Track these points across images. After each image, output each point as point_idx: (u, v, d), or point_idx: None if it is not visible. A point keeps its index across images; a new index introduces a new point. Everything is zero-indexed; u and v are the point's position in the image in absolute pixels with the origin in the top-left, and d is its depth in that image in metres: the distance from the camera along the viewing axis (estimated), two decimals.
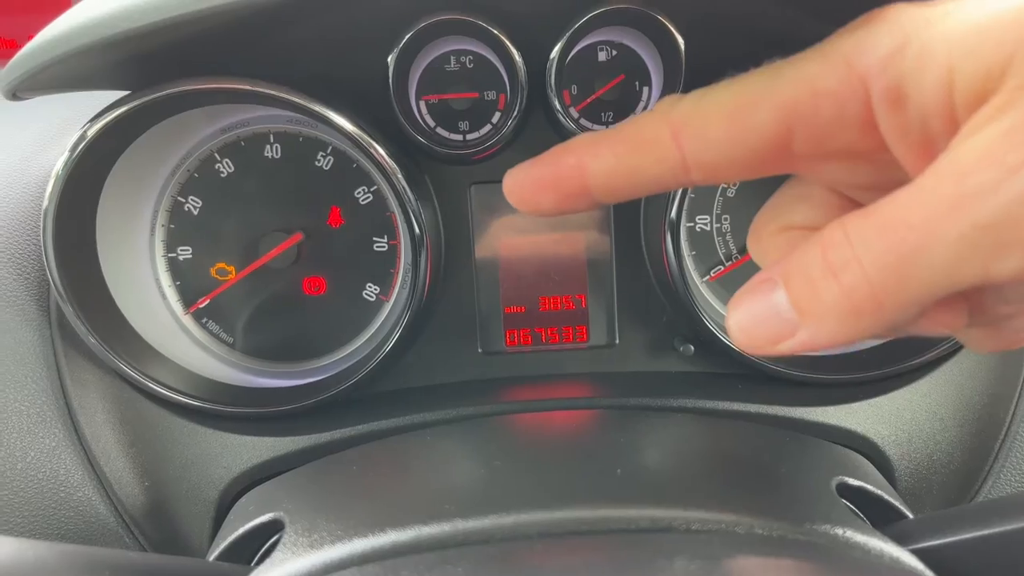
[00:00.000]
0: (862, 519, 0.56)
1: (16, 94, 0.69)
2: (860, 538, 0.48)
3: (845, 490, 0.59)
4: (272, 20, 0.71)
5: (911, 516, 0.59)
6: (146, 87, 0.75)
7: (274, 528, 0.59)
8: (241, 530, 0.59)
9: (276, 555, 0.52)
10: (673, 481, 0.54)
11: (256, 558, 0.59)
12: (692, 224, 0.91)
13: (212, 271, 0.90)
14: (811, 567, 0.44)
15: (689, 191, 0.88)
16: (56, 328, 0.81)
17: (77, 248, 0.79)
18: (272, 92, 0.74)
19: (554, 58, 0.80)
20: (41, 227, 0.75)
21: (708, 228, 0.91)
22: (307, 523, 0.55)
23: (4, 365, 0.78)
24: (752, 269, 0.89)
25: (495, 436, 0.69)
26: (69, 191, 0.75)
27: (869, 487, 0.60)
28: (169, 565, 0.54)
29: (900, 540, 0.50)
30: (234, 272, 0.90)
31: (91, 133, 0.75)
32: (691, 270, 0.91)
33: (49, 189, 0.75)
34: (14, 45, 1.25)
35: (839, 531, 0.49)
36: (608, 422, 0.70)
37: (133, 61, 0.71)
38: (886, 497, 0.61)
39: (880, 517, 0.58)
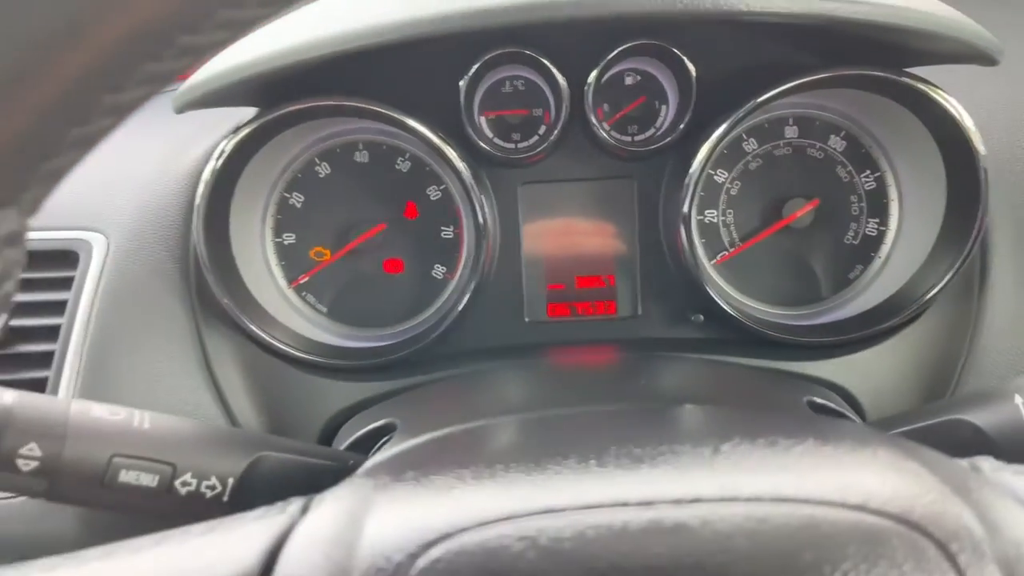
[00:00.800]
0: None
1: (183, 111, 0.91)
2: (816, 415, 0.68)
3: (814, 407, 0.79)
4: (366, 54, 0.92)
5: None
6: (270, 105, 0.96)
7: (386, 431, 0.79)
8: (362, 431, 0.80)
9: (394, 440, 0.72)
10: (679, 391, 0.74)
11: (373, 451, 0.79)
12: (702, 217, 1.10)
13: (311, 253, 1.11)
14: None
15: (699, 189, 1.09)
16: (195, 295, 1.02)
17: (217, 234, 1.00)
18: (379, 109, 0.95)
19: (591, 82, 1.01)
20: (195, 219, 0.97)
21: (715, 220, 1.11)
22: (415, 422, 0.75)
23: (158, 322, 1.00)
24: (750, 253, 1.09)
25: (549, 370, 0.89)
26: (215, 191, 0.97)
27: (833, 404, 0.80)
28: (310, 448, 0.75)
29: None
30: (329, 254, 1.11)
31: (230, 146, 0.96)
32: (701, 255, 1.11)
33: (200, 191, 0.96)
34: None
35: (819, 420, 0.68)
36: (631, 363, 0.90)
37: (265, 86, 0.93)
38: (847, 413, 0.80)
39: None
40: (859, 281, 1.10)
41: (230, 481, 0.67)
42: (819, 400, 0.79)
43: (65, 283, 0.99)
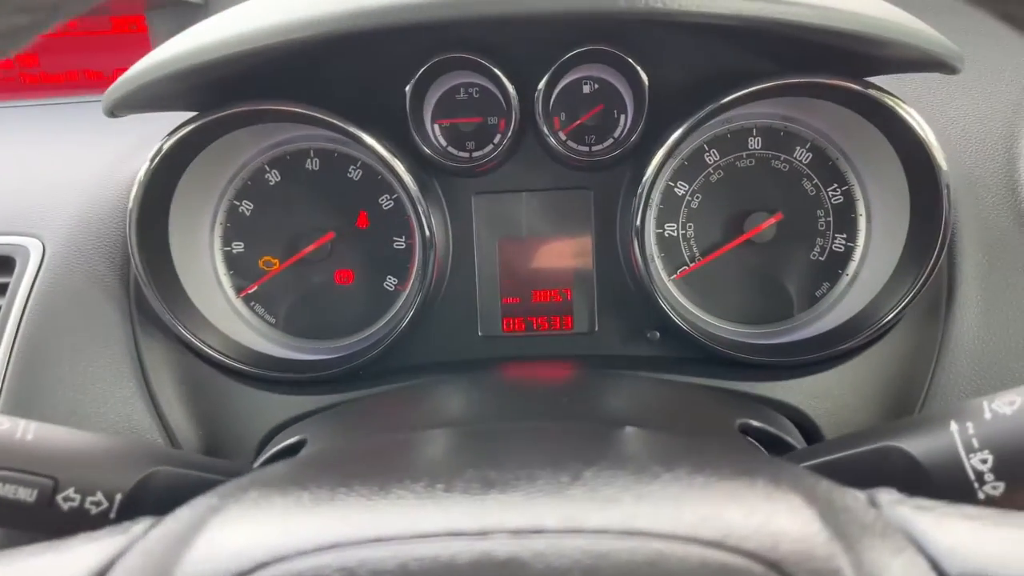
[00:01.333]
0: (757, 446, 0.70)
1: (114, 112, 0.89)
2: (733, 445, 0.63)
3: (748, 429, 0.74)
4: (309, 56, 0.89)
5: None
6: (211, 108, 0.94)
7: (300, 446, 0.76)
8: (274, 449, 0.77)
9: (302, 453, 0.69)
10: (601, 408, 0.70)
11: None
12: (661, 230, 1.06)
13: (260, 263, 1.08)
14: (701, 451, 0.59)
15: (657, 202, 1.05)
16: (134, 303, 0.99)
17: (154, 241, 0.98)
18: (316, 114, 0.93)
19: (540, 90, 0.97)
20: (127, 223, 0.94)
21: (675, 234, 1.06)
22: (321, 440, 0.72)
23: (93, 331, 0.97)
24: (711, 269, 1.05)
25: (477, 386, 0.85)
26: (149, 195, 0.95)
27: (770, 428, 0.75)
28: (210, 462, 0.71)
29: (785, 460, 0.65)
30: (278, 264, 1.08)
31: (167, 146, 0.94)
32: (660, 269, 1.07)
33: (133, 192, 0.94)
34: (100, 76, 1.46)
35: (723, 446, 0.64)
36: (570, 378, 0.86)
37: (202, 87, 0.90)
38: (783, 436, 0.76)
39: (777, 453, 0.73)
40: (826, 299, 1.06)
41: (118, 497, 0.64)
42: (754, 423, 0.74)
43: (0, 289, 0.97)
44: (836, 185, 1.04)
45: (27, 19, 0.38)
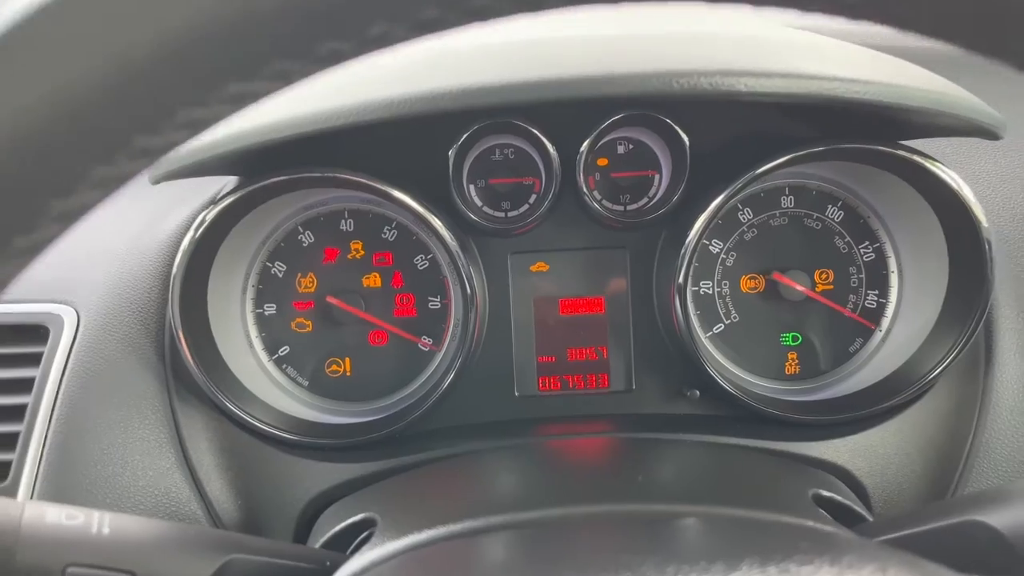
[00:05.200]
0: (830, 519, 0.70)
1: (158, 182, 0.88)
2: (827, 528, 0.63)
3: (819, 500, 0.75)
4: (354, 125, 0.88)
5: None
6: (255, 176, 0.93)
7: (365, 525, 0.74)
8: (340, 525, 0.75)
9: (374, 540, 0.67)
10: (680, 486, 0.69)
11: (351, 548, 0.74)
12: (697, 288, 1.07)
13: (292, 325, 1.07)
14: (786, 540, 0.59)
15: (694, 260, 1.06)
16: (170, 369, 0.97)
17: (193, 305, 0.96)
18: (363, 180, 0.92)
19: (583, 152, 0.98)
20: (170, 294, 0.93)
21: (710, 291, 1.07)
22: (396, 519, 0.70)
23: (129, 400, 0.95)
24: (746, 326, 1.06)
25: (539, 455, 0.84)
26: (193, 262, 0.93)
27: (838, 497, 0.75)
28: (284, 548, 0.70)
29: (861, 534, 0.65)
30: (310, 326, 1.07)
31: (211, 217, 0.93)
32: (696, 327, 1.07)
33: (177, 261, 0.93)
34: None
35: (810, 523, 0.64)
36: (628, 447, 0.86)
37: (248, 157, 0.89)
38: (854, 506, 0.76)
39: (850, 523, 0.73)
40: (859, 355, 1.07)
41: None
42: (825, 493, 0.75)
43: (34, 359, 0.94)
44: (868, 242, 1.06)
45: (188, 133, 0.37)
